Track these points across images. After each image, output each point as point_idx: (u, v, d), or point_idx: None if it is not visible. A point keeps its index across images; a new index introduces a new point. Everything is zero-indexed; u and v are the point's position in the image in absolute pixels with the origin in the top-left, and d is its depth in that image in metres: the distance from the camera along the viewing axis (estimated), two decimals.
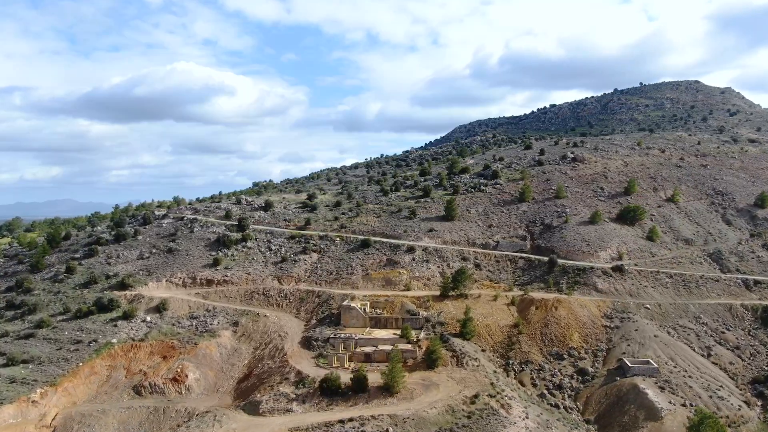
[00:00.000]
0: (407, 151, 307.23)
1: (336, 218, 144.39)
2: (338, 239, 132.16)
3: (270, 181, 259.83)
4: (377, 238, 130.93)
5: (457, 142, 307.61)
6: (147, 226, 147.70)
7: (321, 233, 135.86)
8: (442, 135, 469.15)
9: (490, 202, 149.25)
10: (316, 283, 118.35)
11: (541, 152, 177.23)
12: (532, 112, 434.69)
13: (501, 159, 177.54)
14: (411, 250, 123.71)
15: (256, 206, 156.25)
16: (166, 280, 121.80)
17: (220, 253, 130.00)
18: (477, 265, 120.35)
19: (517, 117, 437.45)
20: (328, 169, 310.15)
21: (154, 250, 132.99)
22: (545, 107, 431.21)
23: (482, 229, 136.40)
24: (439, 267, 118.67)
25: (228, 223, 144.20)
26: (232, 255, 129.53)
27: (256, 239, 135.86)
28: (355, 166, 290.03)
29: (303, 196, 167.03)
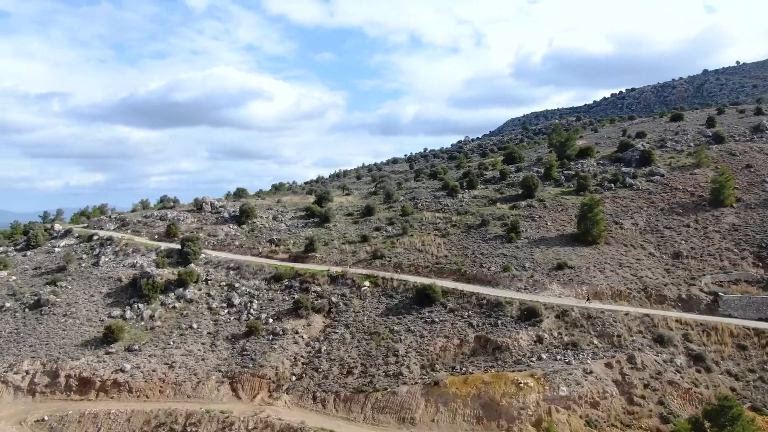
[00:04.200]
0: (460, 142, 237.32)
1: (364, 238, 76.61)
2: (368, 284, 64.32)
3: (293, 182, 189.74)
4: (448, 284, 62.64)
5: (525, 129, 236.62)
6: (30, 252, 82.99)
7: (333, 269, 68.29)
8: (492, 130, 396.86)
9: (653, 206, 79.24)
10: (314, 400, 50.53)
11: (709, 122, 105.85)
12: (605, 98, 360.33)
13: (641, 135, 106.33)
14: (529, 315, 54.74)
15: (226, 216, 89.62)
16: None
17: (128, 312, 63.86)
18: (696, 358, 50.46)
19: (583, 107, 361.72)
20: (358, 167, 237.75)
21: (9, 303, 67.84)
22: (622, 92, 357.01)
23: (663, 262, 66.44)
24: (609, 364, 49.08)
25: (165, 246, 78.01)
26: (152, 317, 63.05)
27: (206, 281, 69.10)
28: (394, 161, 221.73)
29: (310, 199, 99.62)
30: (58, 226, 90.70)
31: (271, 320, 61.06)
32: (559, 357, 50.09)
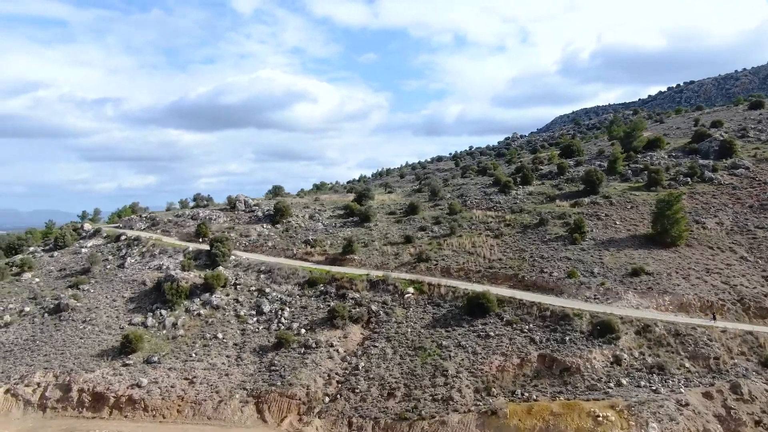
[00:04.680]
0: (508, 139, 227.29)
1: (407, 239, 69.21)
2: (412, 291, 56.96)
3: (336, 182, 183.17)
4: (503, 291, 54.69)
5: (577, 124, 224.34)
6: (57, 253, 79.29)
7: (373, 273, 61.20)
8: (539, 128, 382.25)
9: (739, 203, 69.07)
10: (349, 426, 43.53)
11: None
12: (660, 92, 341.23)
13: (718, 124, 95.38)
14: (603, 330, 46.25)
15: (260, 215, 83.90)
16: (7, 391, 51.41)
17: (150, 319, 58.49)
18: None
19: (637, 101, 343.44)
20: (402, 165, 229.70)
21: (28, 307, 63.62)
22: (679, 85, 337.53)
23: (759, 268, 56.69)
24: (708, 394, 40.15)
25: (193, 247, 72.70)
26: (174, 325, 57.48)
27: (235, 285, 63.21)
28: (439, 159, 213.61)
29: (349, 198, 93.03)
30: (87, 226, 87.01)
31: (303, 330, 54.51)
32: (642, 383, 41.50)
